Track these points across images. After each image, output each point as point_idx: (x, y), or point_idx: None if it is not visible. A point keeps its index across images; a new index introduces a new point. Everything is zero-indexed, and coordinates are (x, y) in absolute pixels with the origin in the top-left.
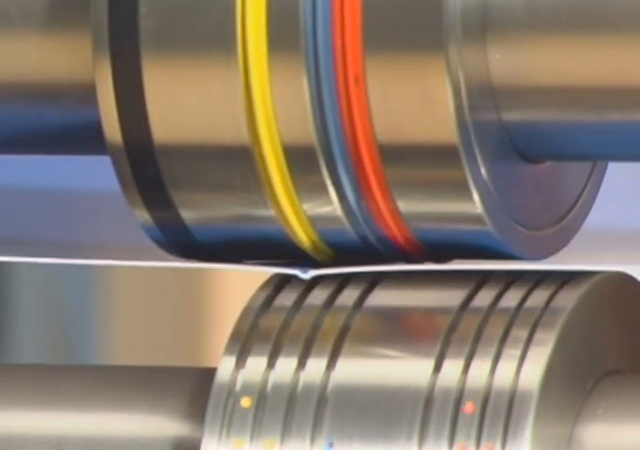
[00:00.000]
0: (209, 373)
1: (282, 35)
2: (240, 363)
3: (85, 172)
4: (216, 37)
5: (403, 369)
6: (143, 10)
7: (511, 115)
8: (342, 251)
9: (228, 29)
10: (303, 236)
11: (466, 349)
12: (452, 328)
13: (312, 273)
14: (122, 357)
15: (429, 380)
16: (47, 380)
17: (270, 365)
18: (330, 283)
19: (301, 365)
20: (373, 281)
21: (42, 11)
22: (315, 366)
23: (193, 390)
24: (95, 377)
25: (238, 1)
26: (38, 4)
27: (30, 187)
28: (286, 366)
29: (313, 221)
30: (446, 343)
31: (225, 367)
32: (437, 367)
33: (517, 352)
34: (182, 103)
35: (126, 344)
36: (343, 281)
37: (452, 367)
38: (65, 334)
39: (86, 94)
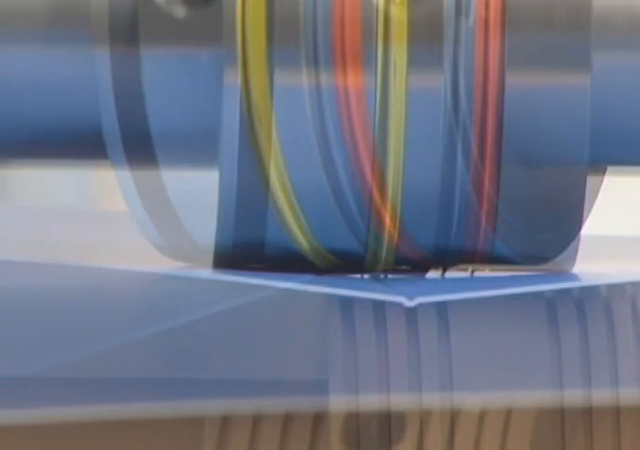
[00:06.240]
0: None
1: (281, 28)
2: None
3: None
4: (217, 32)
5: None
6: (143, 11)
7: (512, 119)
8: (343, 257)
9: (228, 25)
10: (303, 242)
11: None
12: None
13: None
14: None
15: None
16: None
17: None
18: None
19: None
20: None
21: (44, 13)
22: None
23: None
24: None
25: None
26: (40, 6)
27: None
28: None
29: (314, 227)
30: None
31: None
32: None
33: None
34: (181, 99)
35: None
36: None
37: None
38: None
39: (86, 97)
